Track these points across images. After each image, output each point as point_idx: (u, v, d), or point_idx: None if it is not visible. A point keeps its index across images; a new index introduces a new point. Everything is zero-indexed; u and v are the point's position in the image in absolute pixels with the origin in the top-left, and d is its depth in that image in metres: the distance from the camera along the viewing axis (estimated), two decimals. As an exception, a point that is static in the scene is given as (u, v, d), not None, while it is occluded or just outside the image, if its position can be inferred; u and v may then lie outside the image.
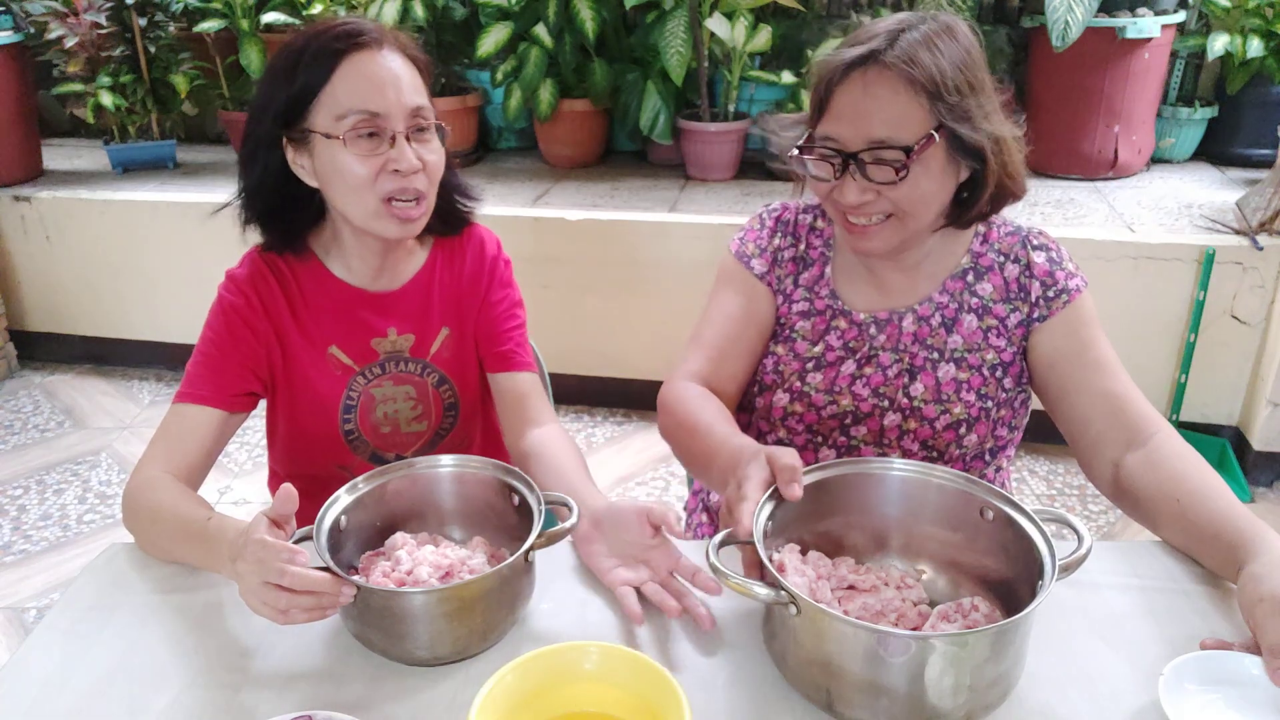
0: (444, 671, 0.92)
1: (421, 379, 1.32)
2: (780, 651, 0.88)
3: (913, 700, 0.79)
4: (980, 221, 1.22)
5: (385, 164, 1.13)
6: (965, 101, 1.09)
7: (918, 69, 1.06)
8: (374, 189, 1.14)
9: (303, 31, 1.16)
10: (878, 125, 1.08)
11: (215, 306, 1.24)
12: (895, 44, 1.08)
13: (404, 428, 1.33)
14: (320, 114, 1.12)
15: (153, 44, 3.39)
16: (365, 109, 1.11)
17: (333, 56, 1.11)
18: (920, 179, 1.09)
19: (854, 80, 1.09)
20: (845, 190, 1.11)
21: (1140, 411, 1.14)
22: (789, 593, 0.82)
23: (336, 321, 1.27)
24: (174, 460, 1.16)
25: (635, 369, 3.02)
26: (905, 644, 0.78)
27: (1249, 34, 2.90)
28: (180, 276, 3.23)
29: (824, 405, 1.25)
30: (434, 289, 1.31)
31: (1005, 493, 0.94)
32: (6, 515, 2.64)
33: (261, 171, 1.19)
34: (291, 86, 1.13)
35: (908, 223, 1.13)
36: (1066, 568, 0.85)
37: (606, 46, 3.29)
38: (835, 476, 0.99)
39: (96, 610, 1.01)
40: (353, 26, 1.13)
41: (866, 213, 1.12)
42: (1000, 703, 0.84)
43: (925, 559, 1.01)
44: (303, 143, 1.15)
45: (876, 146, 1.08)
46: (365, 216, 1.16)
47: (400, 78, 1.13)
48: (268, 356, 1.25)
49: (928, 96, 1.07)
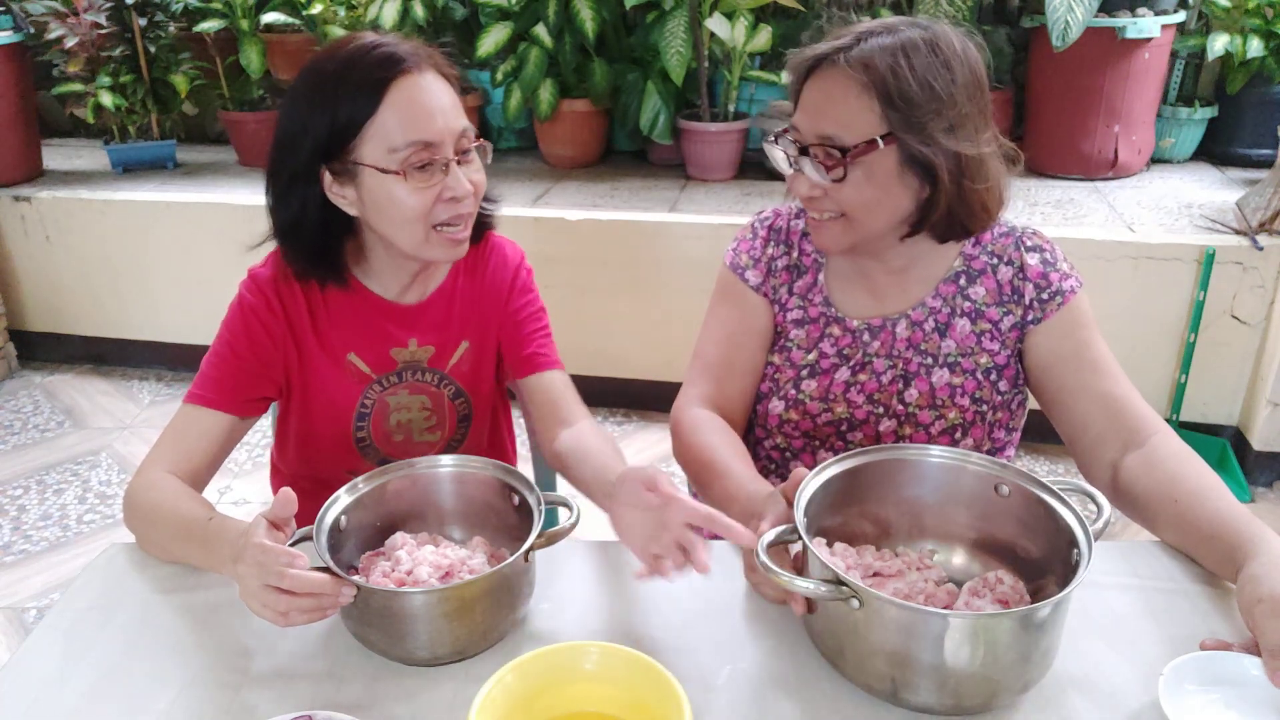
0: (444, 671, 0.92)
1: (438, 390, 1.31)
2: (836, 647, 0.88)
3: (979, 678, 0.81)
4: (958, 239, 1.19)
5: (440, 193, 1.10)
6: (922, 114, 1.06)
7: (870, 74, 1.06)
8: (427, 219, 1.11)
9: (333, 56, 1.11)
10: (826, 122, 1.10)
11: (234, 306, 1.22)
12: (858, 45, 1.09)
13: (416, 437, 1.32)
14: (369, 146, 1.08)
15: (153, 44, 3.39)
16: (419, 140, 1.08)
17: (377, 86, 1.07)
18: (862, 184, 1.09)
19: (816, 75, 1.12)
20: (796, 183, 1.14)
21: (1138, 412, 1.14)
22: (851, 587, 0.82)
23: (358, 330, 1.25)
24: (180, 462, 1.15)
25: (635, 369, 3.02)
26: (975, 625, 0.80)
27: (1249, 34, 2.90)
28: (180, 276, 3.23)
29: (819, 413, 1.25)
30: (456, 301, 1.29)
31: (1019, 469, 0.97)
32: (6, 515, 2.64)
33: (300, 206, 1.14)
34: (332, 118, 1.08)
35: (856, 226, 1.13)
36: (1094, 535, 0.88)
37: (606, 46, 3.29)
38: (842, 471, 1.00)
39: (96, 610, 1.02)
40: (391, 50, 1.09)
41: (818, 209, 1.14)
42: (1050, 666, 0.86)
43: (930, 538, 1.03)
44: (348, 175, 1.11)
45: (822, 143, 1.10)
46: (416, 244, 1.14)
47: (445, 103, 1.10)
48: (284, 360, 1.23)
49: (880, 102, 1.07)
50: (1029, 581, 0.95)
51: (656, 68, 3.15)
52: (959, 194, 1.11)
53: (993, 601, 0.92)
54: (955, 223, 1.15)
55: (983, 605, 0.92)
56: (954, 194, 1.11)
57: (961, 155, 1.09)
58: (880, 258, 1.22)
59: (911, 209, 1.13)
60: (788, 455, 1.31)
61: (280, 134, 1.14)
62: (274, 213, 1.17)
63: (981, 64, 1.12)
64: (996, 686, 0.83)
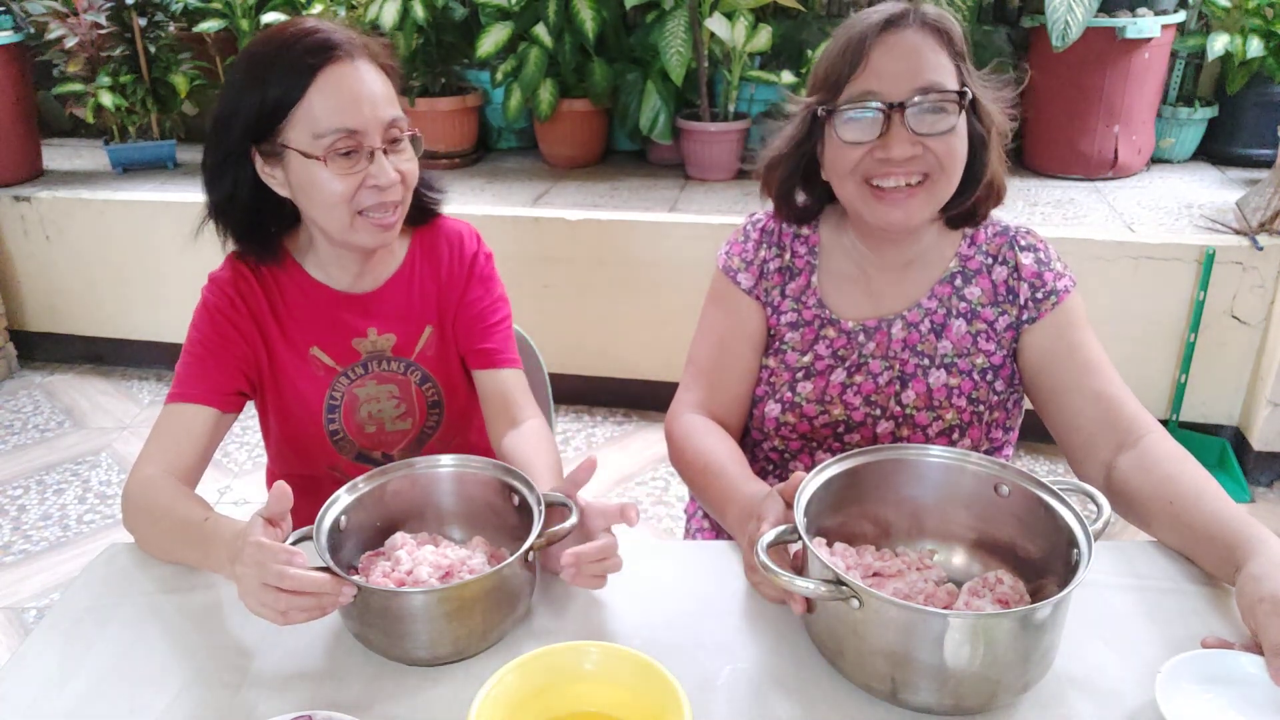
0: (444, 671, 0.92)
1: (405, 377, 1.32)
2: (836, 647, 0.88)
3: (978, 678, 0.81)
4: (968, 224, 1.22)
5: (364, 180, 1.12)
6: (973, 75, 1.13)
7: (945, 33, 1.11)
8: (350, 205, 1.13)
9: (269, 39, 1.13)
10: (926, 72, 1.09)
11: (199, 309, 1.24)
12: (921, 9, 1.11)
13: (388, 426, 1.33)
14: (295, 130, 1.10)
15: (153, 44, 3.39)
16: (344, 127, 1.09)
17: (307, 71, 1.09)
18: (962, 133, 1.12)
19: (893, 35, 1.10)
20: (892, 144, 1.09)
21: (1131, 413, 1.14)
22: (851, 587, 0.82)
23: (317, 323, 1.27)
24: (170, 460, 1.16)
25: (635, 369, 3.02)
26: (975, 625, 0.80)
27: (1249, 34, 2.90)
28: (180, 276, 3.22)
29: (816, 415, 1.25)
30: (414, 287, 1.31)
31: (1019, 469, 0.97)
32: (6, 515, 2.64)
33: (232, 185, 1.17)
34: (262, 99, 1.10)
35: (940, 187, 1.13)
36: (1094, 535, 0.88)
37: (606, 46, 3.29)
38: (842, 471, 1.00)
39: (96, 610, 1.02)
40: (324, 38, 1.10)
41: (909, 171, 1.11)
42: (1050, 666, 0.86)
43: (930, 539, 1.03)
44: (275, 156, 1.13)
45: (926, 91, 1.09)
46: (341, 230, 1.15)
47: (376, 92, 1.12)
48: (254, 357, 1.25)
49: (954, 60, 1.11)
50: (1029, 581, 0.95)
51: (656, 68, 3.15)
52: (997, 157, 1.16)
53: (992, 601, 0.92)
54: (990, 192, 1.18)
55: (982, 605, 0.92)
56: (995, 157, 1.15)
57: (995, 120, 1.15)
58: (900, 244, 1.22)
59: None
60: (785, 458, 1.31)
61: (217, 112, 1.16)
62: (207, 189, 1.19)
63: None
64: (996, 686, 0.83)
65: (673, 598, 1.01)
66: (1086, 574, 0.83)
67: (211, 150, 1.17)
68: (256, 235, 1.22)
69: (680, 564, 1.09)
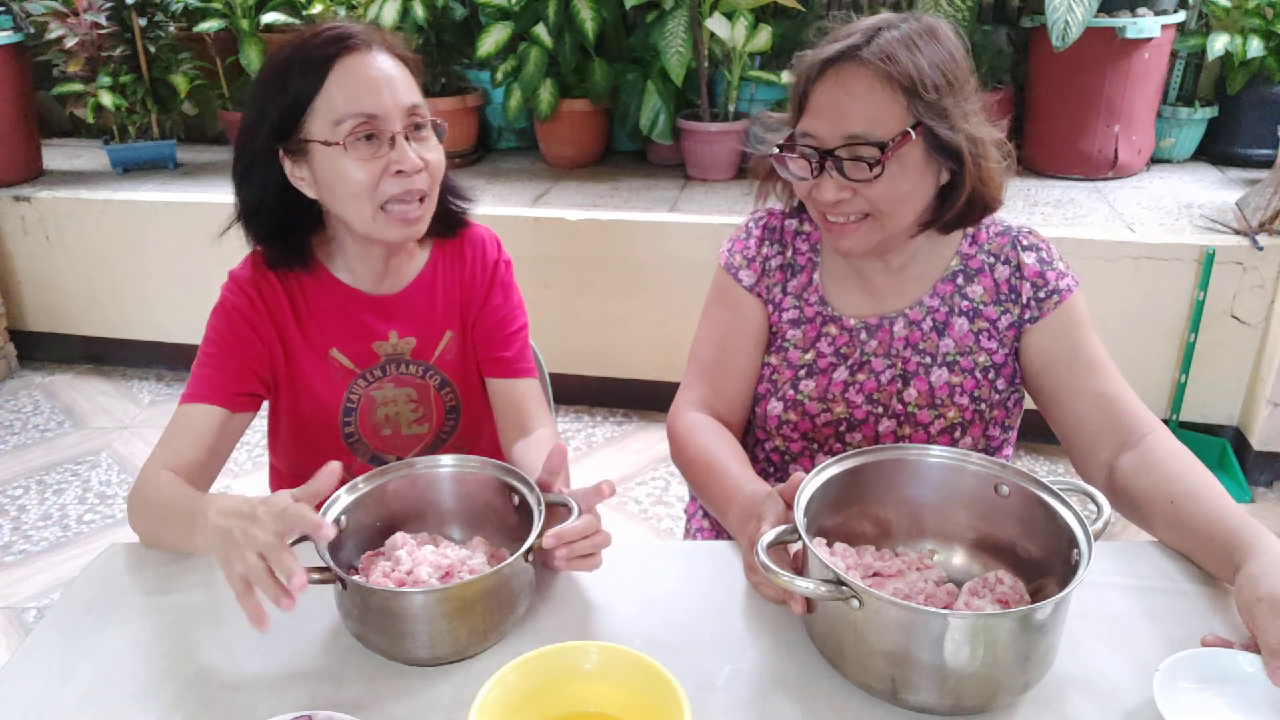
0: (444, 671, 0.92)
1: (423, 381, 1.31)
2: (836, 647, 0.88)
3: (978, 678, 0.81)
4: (961, 229, 1.21)
5: (387, 166, 1.12)
6: (943, 100, 1.08)
7: (894, 65, 1.06)
8: (375, 194, 1.13)
9: (288, 40, 1.15)
10: (853, 121, 1.08)
11: (217, 307, 1.24)
12: (873, 41, 1.08)
13: (404, 430, 1.33)
14: (316, 122, 1.11)
15: (153, 44, 3.39)
16: (362, 111, 1.10)
17: (323, 63, 1.10)
18: (897, 178, 1.09)
19: (830, 77, 1.09)
20: (822, 188, 1.11)
21: (1133, 412, 1.14)
22: (851, 587, 0.82)
23: (338, 324, 1.27)
24: (179, 459, 1.15)
25: (635, 369, 3.02)
26: (975, 624, 0.80)
27: (1249, 34, 2.90)
28: (180, 276, 3.23)
29: (818, 413, 1.25)
30: (437, 291, 1.30)
31: (1019, 469, 0.97)
32: (6, 515, 2.64)
33: (260, 189, 1.18)
34: (284, 98, 1.12)
35: (885, 223, 1.12)
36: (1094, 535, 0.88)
37: (606, 46, 3.29)
38: (842, 471, 1.00)
39: (96, 610, 1.02)
40: (340, 30, 1.12)
41: (844, 211, 1.12)
42: (1050, 666, 0.86)
43: (930, 539, 1.03)
44: (301, 154, 1.14)
45: (852, 143, 1.08)
46: (366, 223, 1.15)
47: (393, 77, 1.13)
48: (270, 357, 1.24)
49: (904, 93, 1.07)
50: (1029, 581, 0.95)
51: (656, 68, 3.15)
52: (979, 174, 1.12)
53: (993, 601, 0.92)
54: (976, 204, 1.15)
55: (982, 605, 0.92)
56: (976, 175, 1.12)
57: (976, 137, 1.11)
58: (885, 256, 1.21)
59: (932, 198, 1.14)
60: (787, 459, 1.31)
61: (243, 119, 1.18)
62: (238, 195, 1.20)
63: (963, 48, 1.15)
64: (996, 686, 0.83)
65: (673, 598, 1.01)
66: (1086, 574, 0.83)
67: (239, 156, 1.18)
68: (284, 240, 1.22)
69: (680, 564, 1.09)
